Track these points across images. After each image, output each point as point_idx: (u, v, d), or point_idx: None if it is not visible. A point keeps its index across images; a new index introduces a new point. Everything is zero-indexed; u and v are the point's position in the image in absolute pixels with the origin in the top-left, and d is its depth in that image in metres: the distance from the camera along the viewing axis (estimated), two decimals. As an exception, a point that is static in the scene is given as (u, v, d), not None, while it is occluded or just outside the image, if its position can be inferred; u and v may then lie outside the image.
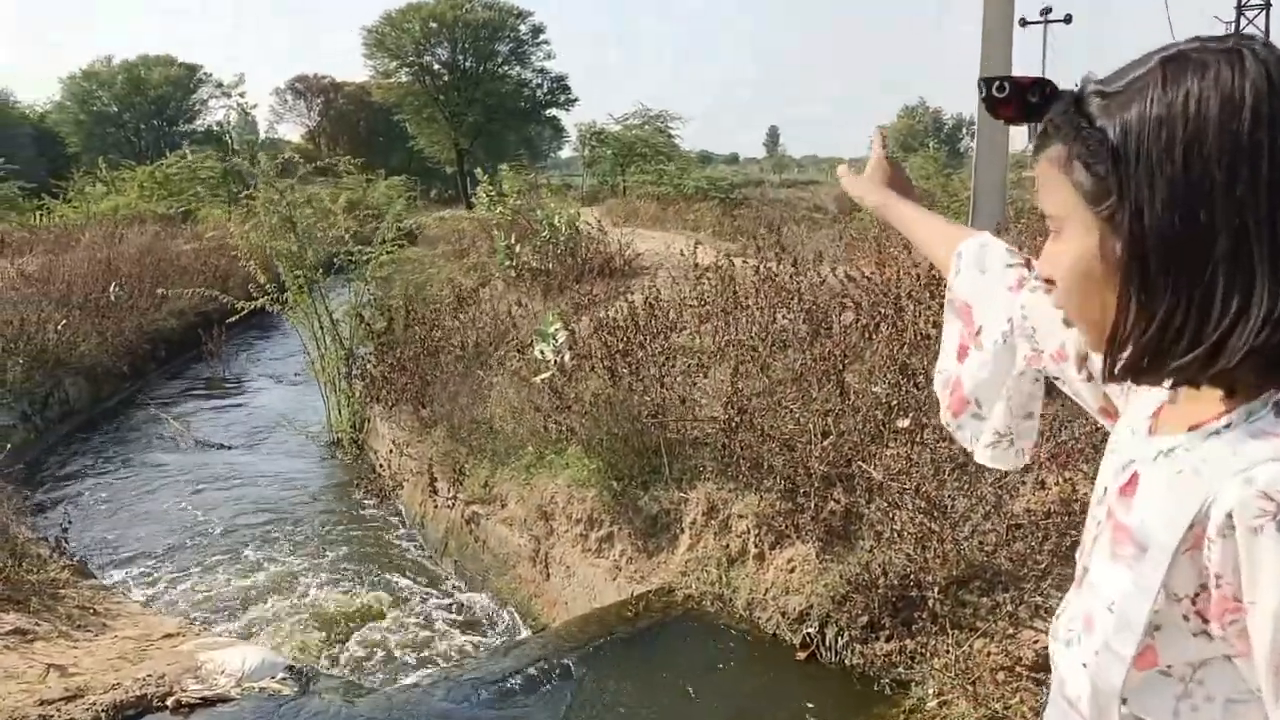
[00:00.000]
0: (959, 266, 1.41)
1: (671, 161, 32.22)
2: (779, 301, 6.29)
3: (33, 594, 4.82)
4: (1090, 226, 0.93)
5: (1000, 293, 1.35)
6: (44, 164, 34.95)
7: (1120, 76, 0.92)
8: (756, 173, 56.22)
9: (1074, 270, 0.96)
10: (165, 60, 49.52)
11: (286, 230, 9.07)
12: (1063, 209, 0.96)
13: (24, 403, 9.03)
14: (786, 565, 4.88)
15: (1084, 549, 1.05)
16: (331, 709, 3.99)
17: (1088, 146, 0.92)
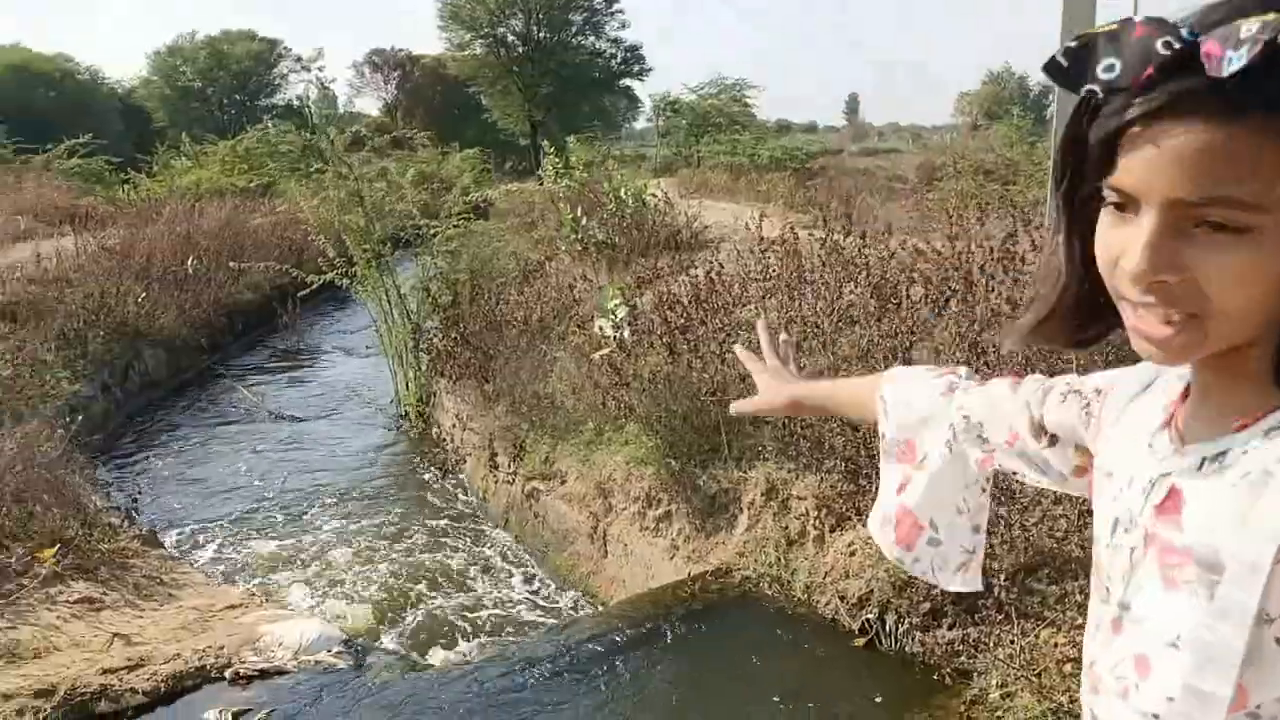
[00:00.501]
0: (885, 409, 1.31)
1: (746, 131, 31.82)
2: (845, 276, 6.13)
3: (102, 563, 4.93)
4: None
5: (934, 409, 1.23)
6: (131, 138, 36.00)
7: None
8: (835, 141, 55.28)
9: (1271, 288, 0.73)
10: (246, 35, 50.46)
11: (354, 205, 9.14)
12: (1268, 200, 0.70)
13: (104, 373, 9.28)
14: (847, 549, 4.77)
15: (1110, 587, 0.89)
16: (384, 683, 4.01)
17: None
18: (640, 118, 55.04)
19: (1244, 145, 0.69)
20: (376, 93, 54.74)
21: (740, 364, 5.19)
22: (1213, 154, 0.70)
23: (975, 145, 24.06)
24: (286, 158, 22.07)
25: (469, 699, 3.92)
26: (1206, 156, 0.70)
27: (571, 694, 4.02)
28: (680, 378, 5.76)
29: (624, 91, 52.14)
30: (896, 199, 15.25)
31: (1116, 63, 0.73)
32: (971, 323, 4.87)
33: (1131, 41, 0.72)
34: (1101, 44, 0.74)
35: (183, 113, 45.91)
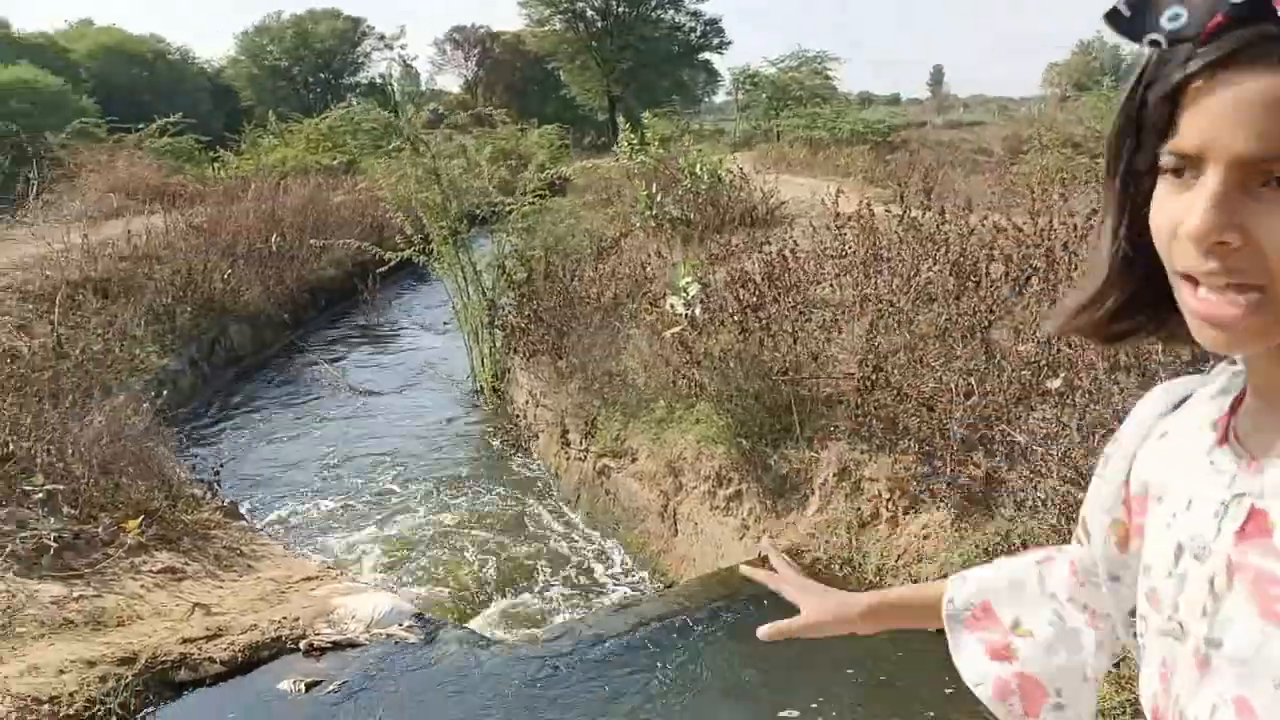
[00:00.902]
0: (964, 576, 1.20)
1: (827, 104, 31.32)
2: (923, 253, 5.99)
3: (185, 534, 5.08)
4: None
5: (1026, 573, 1.13)
6: (220, 117, 36.91)
7: None
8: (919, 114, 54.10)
9: None
10: (331, 14, 51.24)
11: (431, 182, 9.22)
12: None
13: (191, 348, 9.56)
14: (920, 531, 4.68)
15: (1183, 622, 0.79)
16: (453, 658, 4.06)
17: None
18: (720, 92, 54.60)
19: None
20: (457, 70, 55.23)
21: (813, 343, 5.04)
22: (1253, 106, 0.65)
23: (1063, 117, 23.33)
24: (369, 135, 22.34)
25: (536, 676, 3.95)
26: (1278, 108, 0.65)
27: (638, 673, 4.01)
28: (752, 356, 5.69)
29: (703, 65, 51.76)
30: (980, 173, 14.84)
31: (1182, 11, 0.68)
32: (1053, 302, 4.71)
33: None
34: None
35: (269, 91, 46.84)
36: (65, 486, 4.90)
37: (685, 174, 10.52)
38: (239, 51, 50.28)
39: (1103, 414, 4.32)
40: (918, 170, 11.12)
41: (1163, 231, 0.73)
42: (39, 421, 5.51)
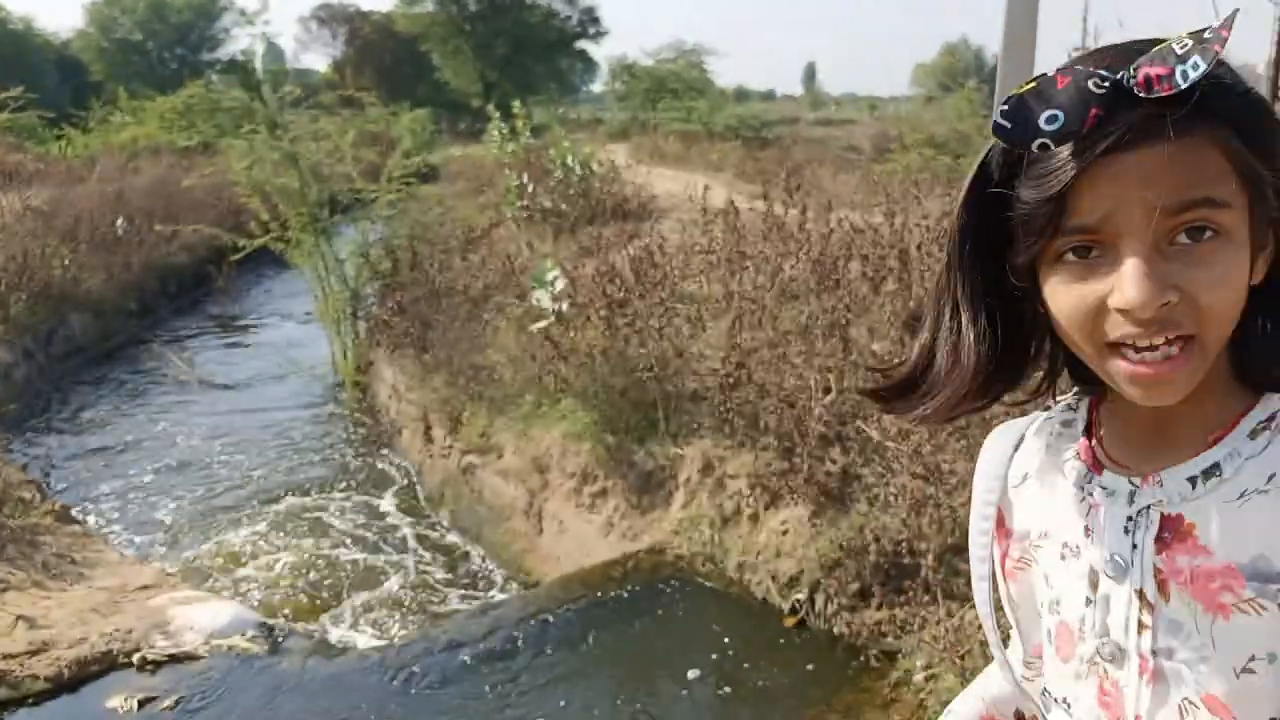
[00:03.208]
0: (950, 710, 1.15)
1: (703, 97, 31.61)
2: (786, 251, 6.05)
3: (10, 540, 4.75)
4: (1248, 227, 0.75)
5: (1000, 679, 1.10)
6: (67, 92, 34.83)
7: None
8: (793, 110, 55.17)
9: (1242, 286, 0.76)
10: (188, -15, 49.03)
11: (289, 166, 8.86)
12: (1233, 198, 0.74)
13: (27, 339, 8.97)
14: (779, 527, 4.72)
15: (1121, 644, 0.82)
16: (299, 669, 3.90)
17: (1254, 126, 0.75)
18: (598, 81, 54.55)
19: (1203, 152, 0.72)
20: (325, 49, 53.53)
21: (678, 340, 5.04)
22: (1182, 164, 0.72)
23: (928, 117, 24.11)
24: (229, 115, 21.47)
25: (388, 684, 3.82)
26: (1177, 167, 0.72)
27: (495, 678, 3.93)
28: (618, 352, 5.66)
29: (579, 54, 51.53)
30: (848, 170, 15.21)
31: (1058, 113, 0.72)
32: (907, 301, 4.82)
33: (1061, 91, 0.73)
34: (1032, 102, 0.73)
35: (121, 66, 44.48)
36: (-128, 491, 4.52)
37: (557, 164, 10.42)
38: (87, 23, 47.58)
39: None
40: (786, 167, 11.28)
41: (1077, 314, 0.77)
42: None
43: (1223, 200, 0.73)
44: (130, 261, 11.30)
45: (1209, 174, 0.73)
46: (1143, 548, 0.80)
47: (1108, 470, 0.84)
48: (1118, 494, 0.83)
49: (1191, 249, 0.73)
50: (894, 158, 17.49)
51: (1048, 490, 0.90)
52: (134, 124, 21.78)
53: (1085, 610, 0.84)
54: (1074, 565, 0.85)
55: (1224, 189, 0.73)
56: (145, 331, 11.08)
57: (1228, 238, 0.74)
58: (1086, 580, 0.84)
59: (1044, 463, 0.91)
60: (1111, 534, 0.82)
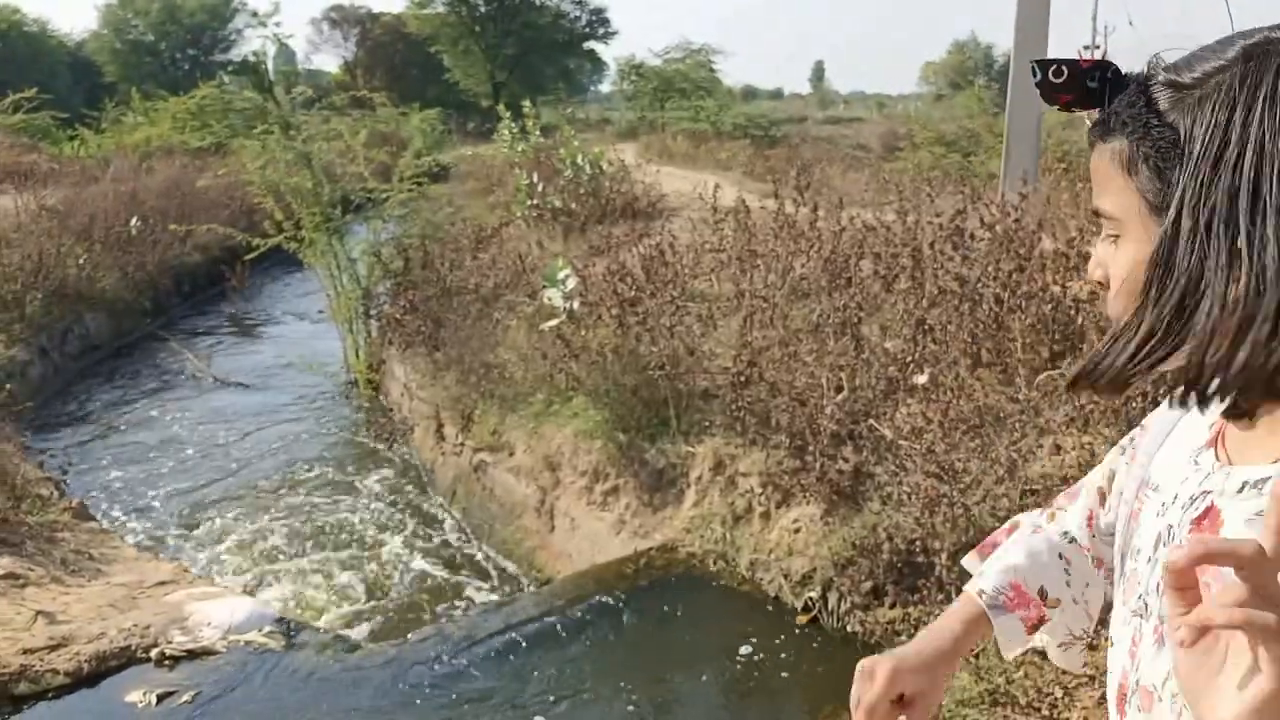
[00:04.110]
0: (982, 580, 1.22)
1: (711, 97, 31.61)
2: (796, 250, 6.06)
3: (29, 537, 4.79)
4: (1151, 233, 0.83)
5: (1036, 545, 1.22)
6: (80, 93, 35.00)
7: (1195, 65, 0.82)
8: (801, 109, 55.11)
9: (1133, 279, 0.85)
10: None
11: (302, 166, 8.91)
12: (1121, 210, 0.86)
13: (42, 337, 9.03)
14: (792, 525, 4.73)
15: (1149, 601, 0.88)
16: (315, 664, 3.93)
17: (1157, 147, 0.82)
18: (606, 81, 54.58)
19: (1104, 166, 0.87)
20: (336, 50, 53.69)
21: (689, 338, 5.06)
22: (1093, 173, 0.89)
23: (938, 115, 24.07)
24: (241, 116, 21.56)
25: (402, 680, 3.85)
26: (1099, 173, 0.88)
27: (507, 674, 3.95)
28: (629, 350, 5.67)
29: (588, 54, 51.56)
30: (857, 169, 15.19)
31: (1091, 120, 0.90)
32: (920, 299, 4.83)
33: None
34: None
35: (134, 67, 44.67)
36: (-107, 488, 4.56)
37: (566, 164, 10.45)
38: (101, 24, 47.80)
39: (965, 409, 4.45)
40: (795, 166, 11.28)
41: None
42: None
43: (1112, 217, 0.87)
44: (145, 261, 11.36)
45: (1109, 190, 0.87)
46: (1183, 524, 0.86)
47: (1214, 450, 0.89)
48: (1201, 471, 0.88)
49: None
50: (904, 156, 17.49)
51: (1176, 449, 0.96)
52: (147, 124, 21.87)
53: (1145, 566, 0.90)
54: (1156, 523, 0.91)
55: (1115, 206, 0.86)
56: (160, 330, 11.14)
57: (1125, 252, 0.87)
58: (1154, 541, 0.90)
59: (1190, 424, 0.96)
60: (1179, 506, 0.88)
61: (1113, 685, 0.92)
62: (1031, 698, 3.45)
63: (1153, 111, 0.82)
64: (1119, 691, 0.91)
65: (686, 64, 35.59)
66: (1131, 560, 0.95)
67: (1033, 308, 4.62)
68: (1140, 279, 0.84)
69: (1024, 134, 7.24)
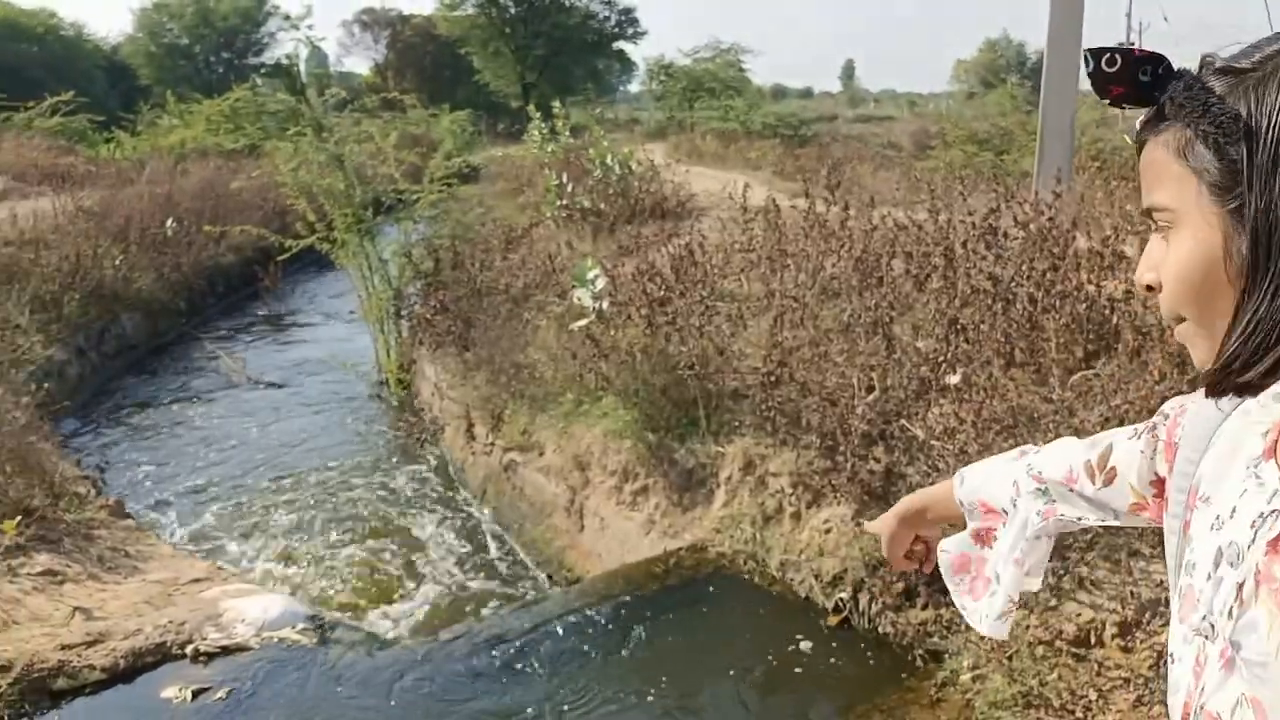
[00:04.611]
0: (961, 479, 1.38)
1: (740, 96, 31.53)
2: (827, 249, 6.04)
3: (67, 534, 4.85)
4: (1213, 221, 0.81)
5: (1004, 469, 1.32)
6: (116, 97, 35.50)
7: (1252, 53, 0.81)
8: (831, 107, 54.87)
9: (1192, 272, 0.84)
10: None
11: (335, 168, 8.99)
12: (1178, 201, 0.84)
13: (79, 337, 9.16)
14: (822, 526, 4.71)
15: (1214, 623, 0.85)
16: (348, 661, 3.95)
17: (1219, 125, 0.80)
18: (635, 81, 54.59)
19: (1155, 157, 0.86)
20: (367, 52, 54.11)
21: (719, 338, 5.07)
22: (1143, 172, 0.87)
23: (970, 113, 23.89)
24: (274, 118, 21.76)
25: (433, 677, 3.87)
26: (1148, 169, 0.87)
27: (538, 672, 3.96)
28: (659, 350, 5.67)
29: (617, 54, 51.61)
30: (888, 168, 15.10)
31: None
32: (952, 299, 4.79)
33: None
34: None
35: (169, 71, 45.17)
36: (-64, 485, 4.64)
37: (596, 164, 10.46)
38: (136, 28, 48.38)
39: (998, 410, 4.41)
40: (825, 165, 11.24)
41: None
42: (-92, 416, 5.21)
43: (1167, 208, 0.85)
44: (179, 262, 11.50)
45: (1162, 181, 0.85)
46: (1258, 544, 0.82)
47: (1274, 461, 0.86)
48: (1266, 487, 0.84)
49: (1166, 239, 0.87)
50: (936, 154, 17.37)
51: (1228, 459, 0.92)
52: (182, 127, 22.12)
53: (1206, 584, 0.87)
54: (1214, 538, 0.88)
55: (1169, 196, 0.84)
56: (194, 330, 11.28)
57: (1184, 243, 0.84)
58: (1213, 558, 0.87)
59: (1239, 430, 0.93)
60: (1243, 522, 0.84)
61: (1177, 704, 0.90)
62: (1065, 700, 3.41)
63: (1211, 95, 0.81)
64: (1183, 712, 0.89)
65: (716, 63, 35.51)
66: (1186, 575, 0.92)
67: (1067, 307, 4.57)
68: (1198, 270, 0.82)
69: (1058, 131, 7.17)
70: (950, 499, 1.39)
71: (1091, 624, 3.65)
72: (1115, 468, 1.15)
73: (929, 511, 1.47)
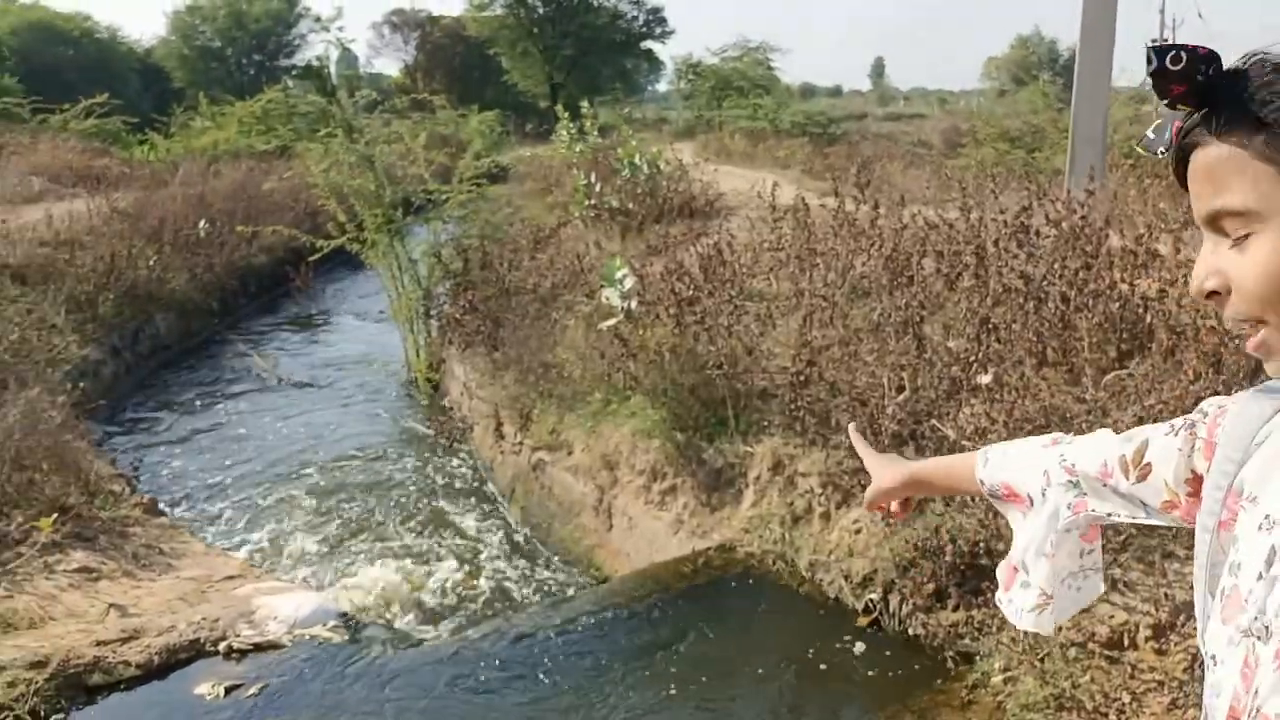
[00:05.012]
0: (985, 458, 1.35)
1: (769, 94, 31.43)
2: (857, 248, 6.01)
3: (102, 531, 4.92)
4: None
5: (1034, 455, 1.28)
6: (149, 99, 35.92)
7: None
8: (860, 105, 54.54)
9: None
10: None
11: (365, 169, 9.05)
12: (1263, 201, 0.82)
13: (114, 337, 9.28)
14: (852, 526, 4.69)
15: (1269, 625, 0.83)
16: (379, 659, 3.98)
17: None
18: (663, 80, 54.53)
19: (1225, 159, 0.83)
20: (396, 54, 54.37)
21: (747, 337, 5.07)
22: (1206, 173, 0.83)
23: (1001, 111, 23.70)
24: (305, 119, 21.92)
25: (463, 675, 3.88)
26: (1204, 175, 0.84)
27: (567, 671, 3.97)
28: (687, 349, 5.67)
29: (646, 54, 51.58)
30: (919, 166, 15.00)
31: (1165, 125, 0.87)
32: (984, 298, 4.75)
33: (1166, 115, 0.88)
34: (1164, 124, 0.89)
35: (201, 73, 45.64)
36: (-25, 483, 4.71)
37: (624, 164, 10.46)
38: (170, 31, 48.91)
39: (1030, 410, 4.37)
40: (855, 163, 11.19)
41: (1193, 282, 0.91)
42: (-52, 415, 5.30)
43: (1248, 211, 0.82)
44: (212, 262, 11.62)
45: (1240, 183, 0.82)
46: None
47: None
48: None
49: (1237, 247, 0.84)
50: (967, 152, 17.24)
51: (1275, 460, 0.91)
52: (214, 129, 22.33)
53: (1255, 584, 0.85)
54: (1264, 538, 0.86)
55: (1252, 198, 0.81)
56: (226, 330, 11.40)
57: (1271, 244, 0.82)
58: (1265, 558, 0.85)
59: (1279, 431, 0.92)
60: None
61: (1220, 707, 0.88)
62: (1099, 703, 3.38)
63: None
64: (1229, 715, 0.87)
65: (744, 62, 35.44)
66: (1230, 575, 0.90)
67: (1100, 306, 4.52)
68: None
69: (1090, 129, 7.09)
70: (969, 475, 1.37)
71: (1125, 626, 3.61)
72: (1151, 464, 1.13)
73: (938, 482, 1.47)
